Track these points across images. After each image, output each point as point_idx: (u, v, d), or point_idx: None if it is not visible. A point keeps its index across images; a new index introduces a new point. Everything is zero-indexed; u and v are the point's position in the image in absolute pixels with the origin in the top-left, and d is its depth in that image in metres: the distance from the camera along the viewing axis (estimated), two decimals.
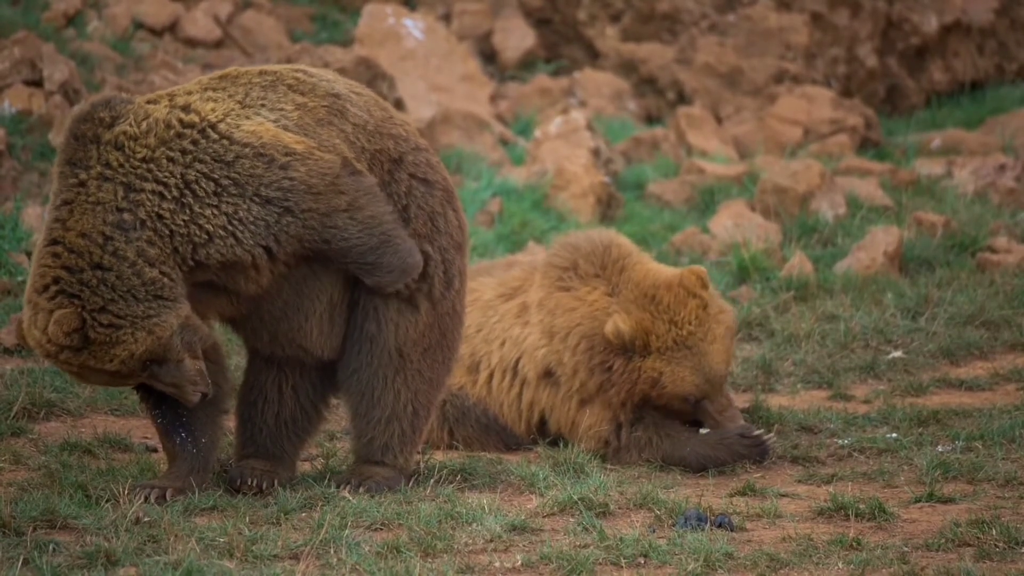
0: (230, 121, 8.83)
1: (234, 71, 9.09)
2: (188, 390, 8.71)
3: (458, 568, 8.05)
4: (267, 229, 8.78)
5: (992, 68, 21.88)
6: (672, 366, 10.30)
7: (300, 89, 9.08)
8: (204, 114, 8.83)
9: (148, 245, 8.67)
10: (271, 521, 8.70)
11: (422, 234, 9.26)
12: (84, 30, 18.55)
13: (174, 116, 8.81)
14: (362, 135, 9.13)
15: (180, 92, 8.95)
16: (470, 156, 17.47)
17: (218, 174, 8.78)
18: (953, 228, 15.18)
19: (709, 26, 21.38)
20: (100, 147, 8.75)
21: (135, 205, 8.68)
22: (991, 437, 10.55)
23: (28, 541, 8.15)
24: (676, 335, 10.29)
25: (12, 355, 11.54)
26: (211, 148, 8.78)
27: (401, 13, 20.02)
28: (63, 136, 8.81)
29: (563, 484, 9.51)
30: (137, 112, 8.82)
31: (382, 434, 9.32)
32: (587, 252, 10.60)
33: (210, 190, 8.74)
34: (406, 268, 9.00)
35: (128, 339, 8.60)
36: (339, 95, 9.15)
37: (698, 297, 10.32)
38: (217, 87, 8.99)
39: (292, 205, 8.81)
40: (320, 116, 9.05)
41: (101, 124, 8.77)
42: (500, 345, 10.79)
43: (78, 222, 8.64)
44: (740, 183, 16.94)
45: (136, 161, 8.73)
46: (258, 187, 8.76)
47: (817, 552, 8.40)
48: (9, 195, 14.33)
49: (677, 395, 10.33)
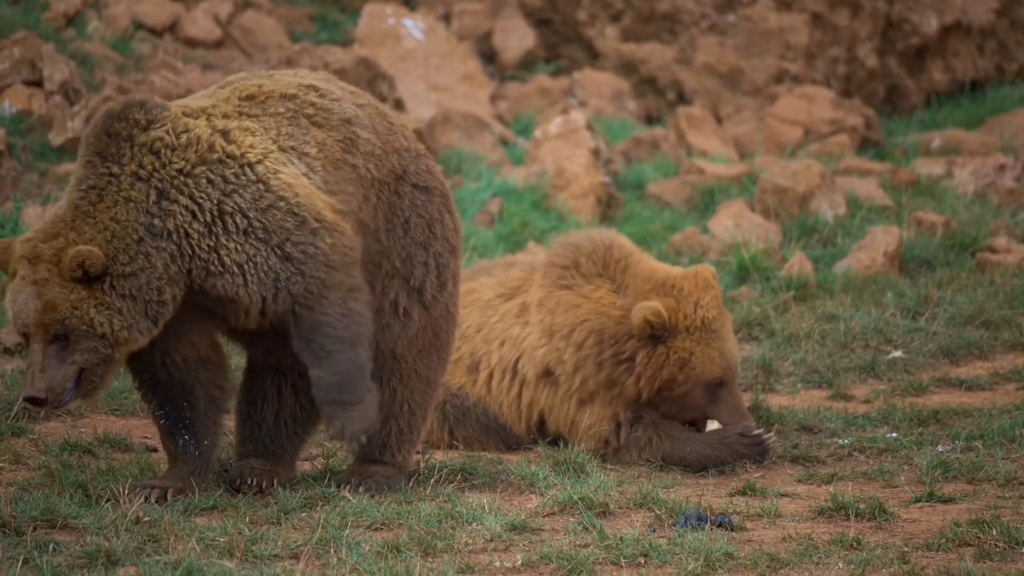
0: (268, 165, 8.89)
1: (257, 89, 9.11)
2: (31, 376, 8.66)
3: (458, 568, 8.06)
4: (275, 282, 8.82)
5: (992, 68, 21.88)
6: (702, 346, 10.40)
7: (318, 121, 9.11)
8: (244, 149, 8.88)
9: (171, 260, 8.72)
10: (271, 521, 8.70)
11: (419, 241, 9.35)
12: (84, 30, 18.56)
13: (217, 140, 8.86)
14: (372, 163, 9.21)
15: (216, 112, 8.98)
16: (470, 156, 17.47)
17: (252, 215, 8.83)
18: (953, 228, 15.18)
19: (709, 26, 21.39)
20: (134, 147, 8.78)
21: (165, 215, 8.73)
22: (991, 437, 10.56)
23: (28, 541, 8.15)
24: (703, 317, 10.42)
25: (12, 355, 11.54)
26: (251, 188, 8.83)
27: (401, 13, 20.02)
28: (92, 130, 8.81)
29: (563, 484, 9.52)
30: (175, 122, 8.85)
31: (379, 432, 9.37)
32: (589, 251, 10.65)
33: (241, 227, 8.80)
34: (347, 386, 8.92)
35: (103, 320, 8.63)
36: (350, 120, 9.20)
37: (715, 288, 10.47)
38: (250, 113, 9.04)
39: (307, 269, 8.86)
40: (336, 156, 9.10)
41: (136, 125, 8.80)
42: (500, 345, 10.80)
43: (110, 209, 8.69)
44: (740, 183, 16.94)
45: (172, 171, 8.77)
46: (283, 241, 8.82)
47: (817, 552, 8.40)
48: (9, 195, 14.33)
49: (704, 377, 10.38)
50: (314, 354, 8.87)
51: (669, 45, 21.43)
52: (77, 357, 8.63)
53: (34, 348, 8.64)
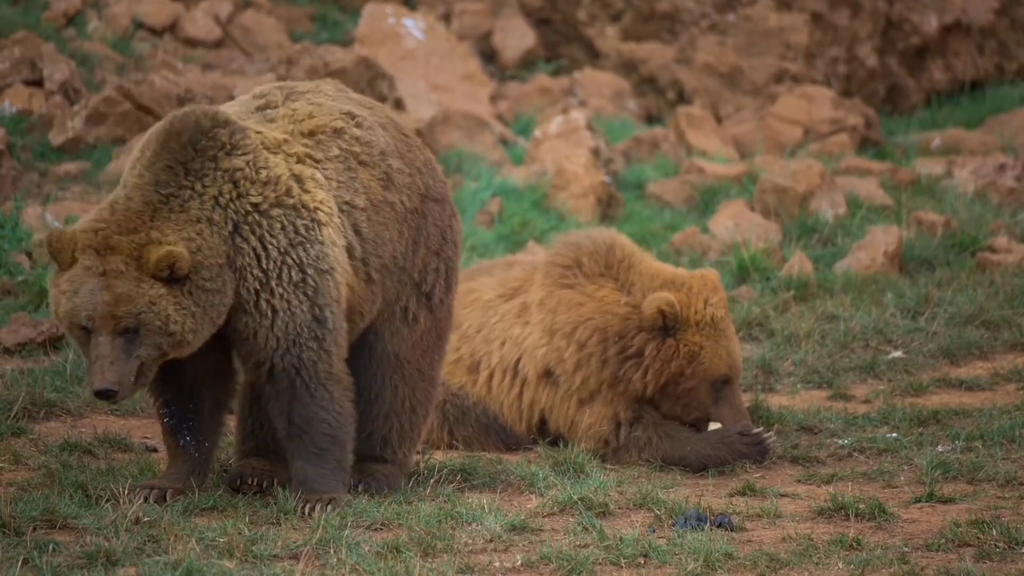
0: (332, 231, 8.97)
1: (314, 125, 9.14)
2: (100, 369, 8.65)
3: (458, 568, 8.06)
4: (296, 338, 8.87)
5: (992, 68, 21.88)
6: (711, 342, 10.47)
7: (363, 159, 9.18)
8: (316, 203, 8.97)
9: (233, 291, 8.81)
10: (271, 521, 8.70)
11: (433, 250, 9.46)
12: (84, 30, 18.56)
13: (293, 186, 8.94)
14: (405, 195, 9.33)
15: (291, 152, 9.02)
16: (470, 156, 17.46)
17: (310, 271, 8.92)
18: (953, 228, 15.18)
19: (709, 26, 21.38)
20: (217, 171, 8.82)
21: (237, 250, 8.84)
22: (991, 437, 10.56)
23: (28, 541, 8.15)
24: (713, 314, 10.50)
25: (12, 355, 11.54)
26: (316, 247, 8.92)
27: (401, 13, 20.02)
28: (175, 138, 8.80)
29: (563, 484, 9.52)
30: (257, 154, 8.91)
31: (380, 428, 9.40)
32: (591, 251, 10.69)
33: (295, 279, 8.89)
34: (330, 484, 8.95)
35: (179, 319, 8.66)
36: (384, 152, 9.27)
37: (721, 292, 10.60)
38: (315, 157, 9.09)
39: (327, 342, 8.92)
40: (378, 197, 9.18)
41: (222, 148, 8.86)
42: (500, 345, 10.81)
43: (194, 224, 8.73)
44: (740, 183, 16.94)
45: (248, 204, 8.84)
46: (325, 305, 8.91)
47: (817, 552, 8.40)
48: (9, 195, 14.33)
49: (711, 373, 10.42)
50: (304, 447, 8.94)
51: (669, 45, 21.43)
52: (141, 352, 8.65)
53: (100, 340, 8.60)
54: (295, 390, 8.90)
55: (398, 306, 9.39)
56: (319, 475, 8.92)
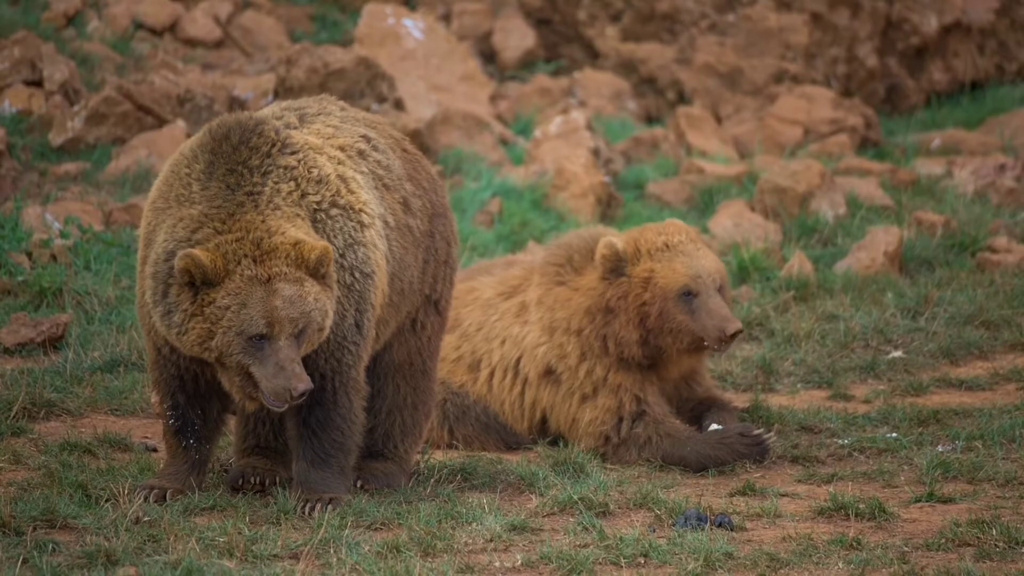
0: (372, 235, 8.96)
1: (340, 141, 9.13)
2: (294, 371, 8.58)
3: (458, 568, 8.06)
4: (340, 343, 8.88)
5: (992, 68, 21.88)
6: (662, 263, 10.57)
7: (387, 183, 9.21)
8: (361, 204, 8.95)
9: None
10: (271, 521, 8.70)
11: (441, 260, 9.53)
12: (84, 30, 18.56)
13: (342, 187, 8.91)
14: (420, 219, 9.38)
15: (332, 153, 9.01)
16: (470, 156, 17.47)
17: (358, 275, 8.90)
18: (953, 228, 15.18)
19: (709, 26, 21.38)
20: (277, 168, 8.79)
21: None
22: (991, 437, 10.56)
23: (28, 541, 8.15)
24: (666, 241, 10.63)
25: (12, 355, 11.55)
26: (362, 250, 8.90)
27: (401, 13, 20.02)
28: (218, 140, 8.77)
29: (563, 484, 9.52)
30: (306, 153, 8.88)
31: (383, 423, 9.45)
32: (579, 247, 10.85)
33: (346, 282, 8.90)
34: (332, 487, 8.97)
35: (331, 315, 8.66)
36: (401, 177, 9.30)
37: (684, 228, 10.72)
38: (358, 165, 9.10)
39: (359, 347, 8.93)
40: (401, 221, 9.20)
41: (273, 145, 8.85)
42: (500, 344, 10.83)
43: (291, 220, 8.71)
44: (740, 183, 16.95)
45: (312, 203, 8.83)
46: (365, 311, 8.92)
47: (817, 552, 8.40)
48: (9, 195, 14.33)
49: (669, 289, 10.51)
50: (311, 450, 8.95)
51: (669, 45, 21.43)
52: (300, 352, 8.67)
53: (282, 344, 8.55)
54: (323, 394, 8.89)
55: (408, 320, 9.45)
56: (321, 477, 8.93)
